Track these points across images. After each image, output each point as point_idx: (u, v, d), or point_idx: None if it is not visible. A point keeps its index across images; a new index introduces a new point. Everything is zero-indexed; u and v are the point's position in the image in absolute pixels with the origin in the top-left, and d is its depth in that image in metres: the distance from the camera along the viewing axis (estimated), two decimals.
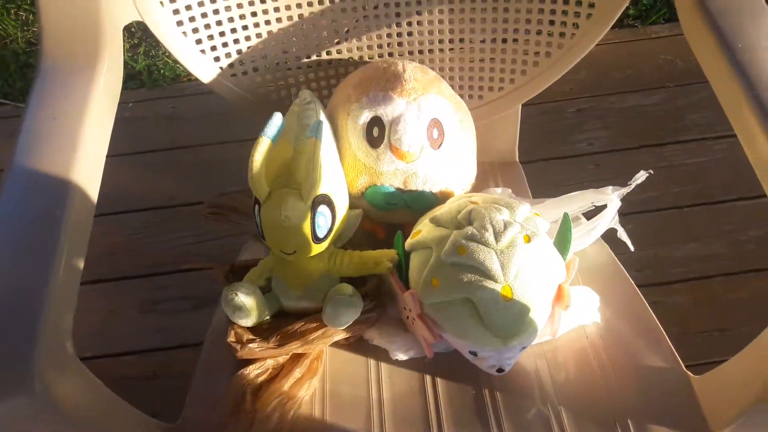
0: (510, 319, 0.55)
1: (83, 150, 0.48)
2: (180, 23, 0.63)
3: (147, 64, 1.50)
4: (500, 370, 0.59)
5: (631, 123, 1.34)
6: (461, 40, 0.71)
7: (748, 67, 0.51)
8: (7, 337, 0.39)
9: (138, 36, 1.56)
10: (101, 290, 1.16)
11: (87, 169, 0.48)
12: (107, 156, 1.43)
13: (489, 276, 0.55)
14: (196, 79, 0.67)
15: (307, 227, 0.57)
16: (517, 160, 0.80)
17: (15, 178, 0.45)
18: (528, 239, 0.57)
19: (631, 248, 0.70)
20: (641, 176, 0.68)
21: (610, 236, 0.71)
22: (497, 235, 0.56)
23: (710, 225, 1.18)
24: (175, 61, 1.47)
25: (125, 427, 0.51)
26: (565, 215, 0.63)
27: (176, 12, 0.62)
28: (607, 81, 1.42)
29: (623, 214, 1.23)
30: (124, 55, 1.54)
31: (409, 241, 0.61)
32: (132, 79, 1.49)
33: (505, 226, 0.57)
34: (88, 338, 1.09)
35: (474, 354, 0.58)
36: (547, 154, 1.30)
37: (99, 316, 1.12)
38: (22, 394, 0.39)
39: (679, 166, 1.27)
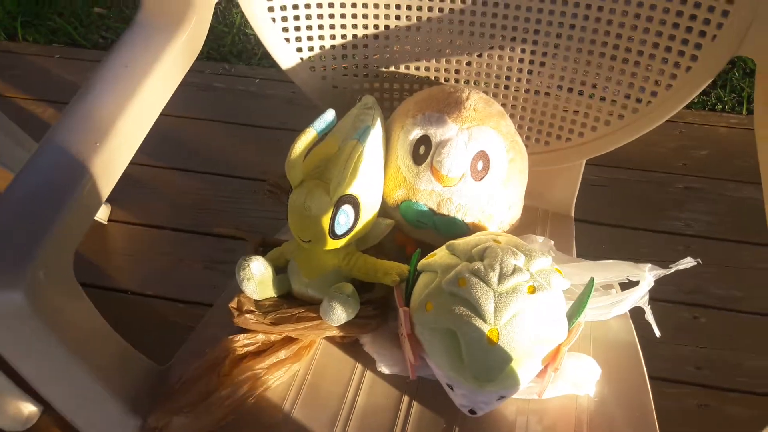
0: (489, 363, 0.54)
1: (140, 100, 0.54)
2: (271, 9, 0.67)
3: None
4: (472, 412, 0.58)
5: (740, 214, 1.25)
6: (539, 84, 0.70)
7: None
8: (12, 242, 0.45)
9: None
10: (178, 239, 1.26)
11: (137, 116, 0.53)
12: (221, 121, 1.53)
13: (479, 314, 0.54)
14: None
15: (326, 221, 0.59)
16: (572, 215, 0.78)
17: (73, 109, 0.52)
18: (533, 290, 0.56)
19: (657, 333, 0.66)
20: (687, 263, 0.64)
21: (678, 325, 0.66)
22: (502, 277, 0.55)
23: None
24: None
25: (112, 355, 0.56)
26: (591, 280, 0.60)
27: None
28: (727, 165, 1.33)
29: (699, 306, 1.15)
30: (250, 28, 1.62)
31: (422, 262, 0.62)
32: (267, 57, 1.59)
33: (514, 270, 0.56)
34: (152, 277, 1.18)
35: (450, 388, 0.58)
36: (639, 223, 1.24)
37: (169, 261, 1.22)
38: (12, 292, 0.44)
39: None
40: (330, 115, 0.62)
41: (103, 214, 1.27)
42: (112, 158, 0.51)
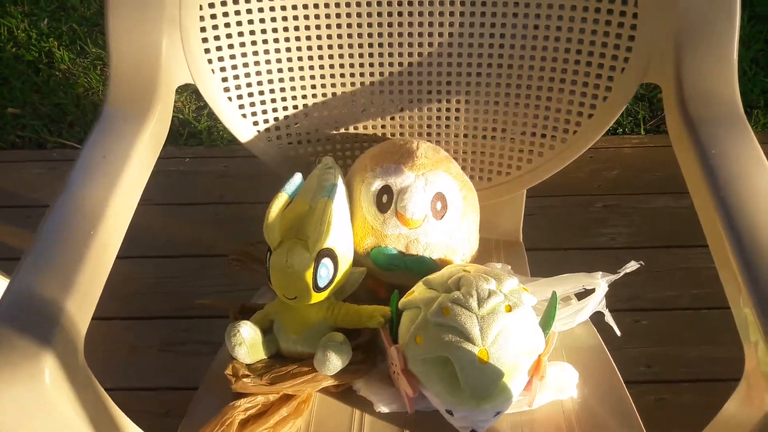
0: (484, 381, 0.59)
1: (122, 185, 0.57)
2: (226, 89, 0.72)
3: (208, 125, 1.64)
4: None
5: (657, 223, 1.37)
6: (474, 128, 0.78)
7: (718, 174, 0.55)
8: (26, 334, 0.46)
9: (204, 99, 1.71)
10: (129, 327, 1.24)
11: (123, 201, 0.56)
12: (157, 204, 1.53)
13: (468, 338, 0.59)
14: None
15: (309, 276, 0.63)
16: (521, 240, 0.85)
17: (64, 199, 0.54)
18: (509, 309, 0.61)
19: (618, 333, 0.73)
20: (632, 266, 0.72)
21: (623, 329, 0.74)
22: (480, 302, 0.61)
23: (726, 329, 1.17)
24: None
25: None
26: (553, 294, 0.67)
27: (224, 80, 0.71)
28: (637, 181, 1.46)
29: (638, 310, 1.24)
30: (189, 114, 1.67)
31: (402, 300, 0.66)
32: (193, 136, 1.63)
33: (489, 294, 0.61)
34: (111, 371, 1.16)
35: (450, 413, 0.62)
36: (569, 244, 1.34)
37: (123, 351, 1.20)
38: (32, 385, 0.45)
39: (702, 269, 1.28)
40: (298, 178, 0.67)
41: None
42: (107, 245, 0.53)
